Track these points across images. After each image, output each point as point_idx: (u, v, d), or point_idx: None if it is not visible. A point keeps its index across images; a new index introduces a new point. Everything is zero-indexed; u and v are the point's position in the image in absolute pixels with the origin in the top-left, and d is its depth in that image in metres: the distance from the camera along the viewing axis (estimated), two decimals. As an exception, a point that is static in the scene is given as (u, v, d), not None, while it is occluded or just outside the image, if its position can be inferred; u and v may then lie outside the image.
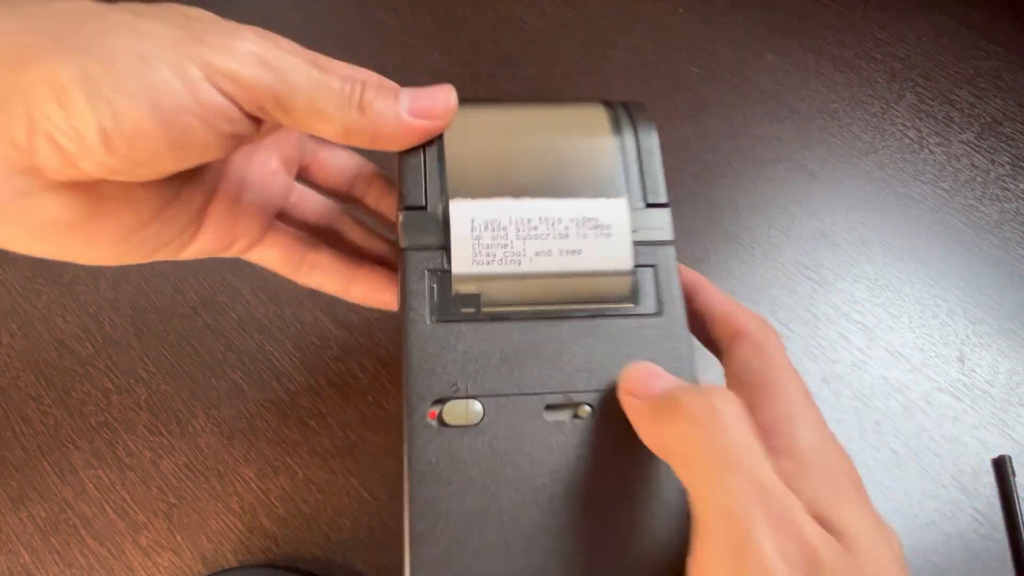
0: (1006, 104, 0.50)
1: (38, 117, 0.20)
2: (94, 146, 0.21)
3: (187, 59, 0.21)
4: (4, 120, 0.20)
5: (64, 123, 0.20)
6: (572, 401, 0.25)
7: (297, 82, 0.22)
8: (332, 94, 0.23)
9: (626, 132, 0.29)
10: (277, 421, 0.39)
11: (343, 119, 0.23)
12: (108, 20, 0.21)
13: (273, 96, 0.22)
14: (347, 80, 0.23)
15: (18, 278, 0.42)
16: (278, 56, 0.22)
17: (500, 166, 0.27)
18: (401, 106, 0.24)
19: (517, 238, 0.26)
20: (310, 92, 0.23)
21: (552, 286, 0.26)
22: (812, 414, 0.24)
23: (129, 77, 0.20)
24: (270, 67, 0.22)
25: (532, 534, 0.24)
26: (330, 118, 0.23)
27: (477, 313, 0.25)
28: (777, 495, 0.20)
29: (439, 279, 0.26)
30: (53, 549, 0.36)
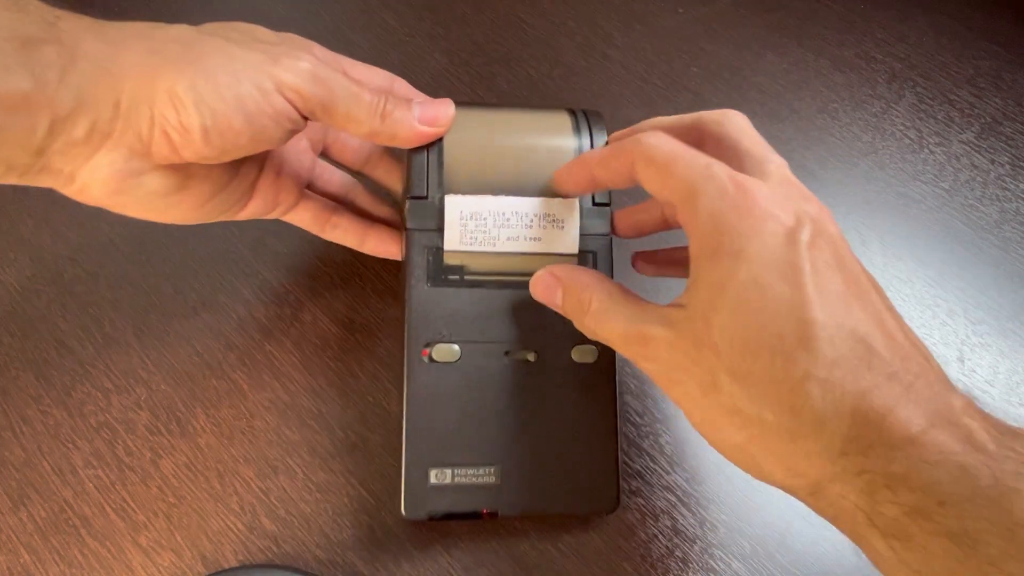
0: (1006, 104, 0.50)
1: (158, 118, 0.28)
2: (197, 139, 0.29)
3: (264, 76, 0.29)
4: (135, 118, 0.28)
5: (177, 122, 0.28)
6: (524, 348, 0.35)
7: (339, 95, 0.31)
8: (364, 105, 0.31)
9: (583, 136, 0.37)
10: (277, 421, 0.39)
11: (370, 124, 0.32)
12: (207, 45, 0.29)
13: (322, 105, 0.30)
14: (375, 94, 0.32)
15: (18, 278, 0.42)
16: (327, 74, 0.30)
17: (484, 167, 0.35)
18: (414, 115, 0.33)
19: (494, 226, 0.35)
20: (348, 103, 0.31)
21: (517, 262, 0.35)
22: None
23: (225, 89, 0.28)
24: (321, 83, 0.30)
25: (492, 438, 0.34)
26: (361, 123, 0.32)
27: (461, 280, 0.35)
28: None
29: (434, 253, 0.35)
30: (53, 549, 0.36)
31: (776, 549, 0.36)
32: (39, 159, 0.28)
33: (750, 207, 0.26)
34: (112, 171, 0.29)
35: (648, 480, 0.38)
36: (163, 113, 0.28)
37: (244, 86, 0.29)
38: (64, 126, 0.28)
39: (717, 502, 0.37)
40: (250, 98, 0.29)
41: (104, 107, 0.28)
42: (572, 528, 0.36)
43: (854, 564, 0.36)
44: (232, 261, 0.43)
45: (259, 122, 0.29)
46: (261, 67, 0.29)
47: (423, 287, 0.34)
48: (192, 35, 0.30)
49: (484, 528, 0.36)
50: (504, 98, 0.49)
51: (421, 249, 0.35)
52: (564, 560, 0.36)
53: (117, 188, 0.30)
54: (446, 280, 0.35)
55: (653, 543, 0.36)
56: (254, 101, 0.29)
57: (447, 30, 0.52)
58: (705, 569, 0.36)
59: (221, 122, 0.29)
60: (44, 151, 0.28)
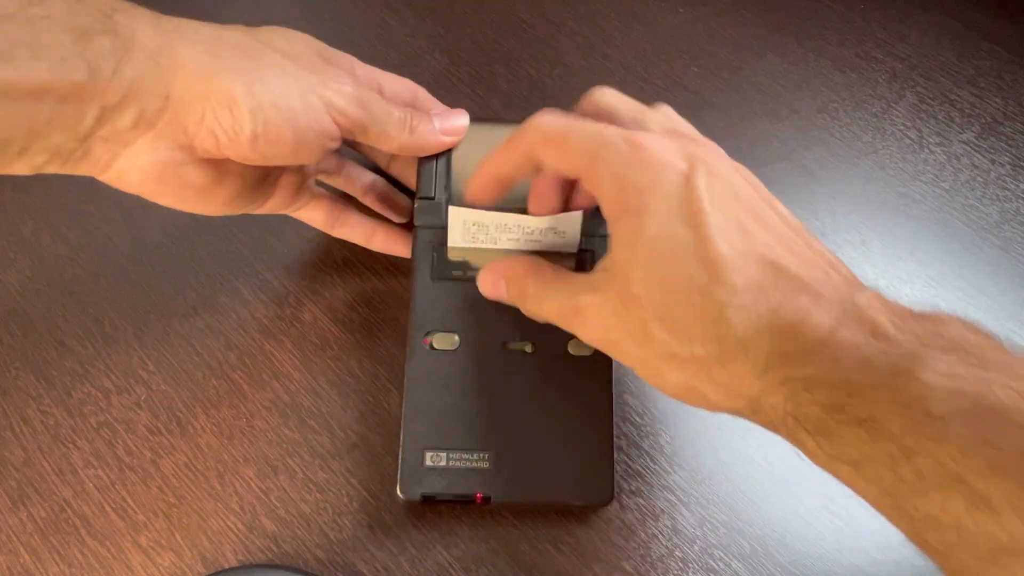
0: (1006, 104, 0.50)
1: (209, 117, 0.29)
2: (244, 143, 0.30)
3: (316, 95, 0.31)
4: (184, 112, 0.29)
5: (228, 125, 0.30)
6: (521, 339, 0.36)
7: (376, 116, 0.34)
8: (395, 122, 0.34)
9: None
10: (277, 421, 0.39)
11: (400, 140, 0.35)
12: (265, 56, 0.31)
13: (361, 126, 0.33)
14: (403, 110, 0.35)
15: (18, 278, 0.42)
16: (366, 97, 0.33)
17: None
18: (436, 128, 0.36)
19: (495, 231, 0.36)
20: (383, 123, 0.34)
21: None
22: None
23: (280, 100, 0.30)
24: (363, 106, 0.33)
25: (487, 424, 0.35)
26: (392, 140, 0.35)
27: (463, 275, 0.37)
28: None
29: (438, 249, 0.37)
30: (53, 549, 0.36)
31: (776, 549, 0.36)
32: (83, 145, 0.29)
33: (645, 161, 0.28)
34: (153, 159, 0.30)
35: (648, 480, 0.38)
36: (215, 113, 0.29)
37: (298, 101, 0.31)
38: (112, 115, 0.28)
39: (717, 502, 0.37)
40: (303, 113, 0.31)
41: (153, 98, 0.29)
42: (571, 527, 0.36)
43: (854, 564, 0.36)
44: (232, 261, 0.43)
45: (306, 137, 0.31)
46: (313, 86, 0.31)
47: (427, 281, 0.37)
48: (248, 41, 0.31)
49: (483, 527, 0.36)
50: (504, 98, 0.49)
51: (426, 245, 0.38)
52: (563, 559, 0.36)
53: (156, 176, 0.31)
54: (449, 275, 0.37)
55: (653, 543, 0.36)
56: (305, 116, 0.31)
57: (447, 30, 0.52)
58: (705, 569, 0.36)
59: (271, 131, 0.30)
60: (89, 137, 0.29)
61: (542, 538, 0.36)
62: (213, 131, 0.30)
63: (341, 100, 0.32)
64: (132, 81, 0.28)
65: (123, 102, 0.28)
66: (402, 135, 0.35)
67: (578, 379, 0.36)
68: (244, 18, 0.34)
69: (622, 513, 0.37)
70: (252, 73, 0.30)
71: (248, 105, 0.29)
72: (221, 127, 0.30)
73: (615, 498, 0.36)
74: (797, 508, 0.37)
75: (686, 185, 0.27)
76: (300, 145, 0.31)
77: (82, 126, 0.28)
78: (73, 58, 0.26)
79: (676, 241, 0.26)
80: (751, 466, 0.38)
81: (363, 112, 0.33)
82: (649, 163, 0.28)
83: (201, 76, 0.29)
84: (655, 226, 0.27)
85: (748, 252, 0.26)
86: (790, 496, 0.37)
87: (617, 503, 0.37)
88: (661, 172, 0.27)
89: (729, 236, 0.26)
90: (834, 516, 0.37)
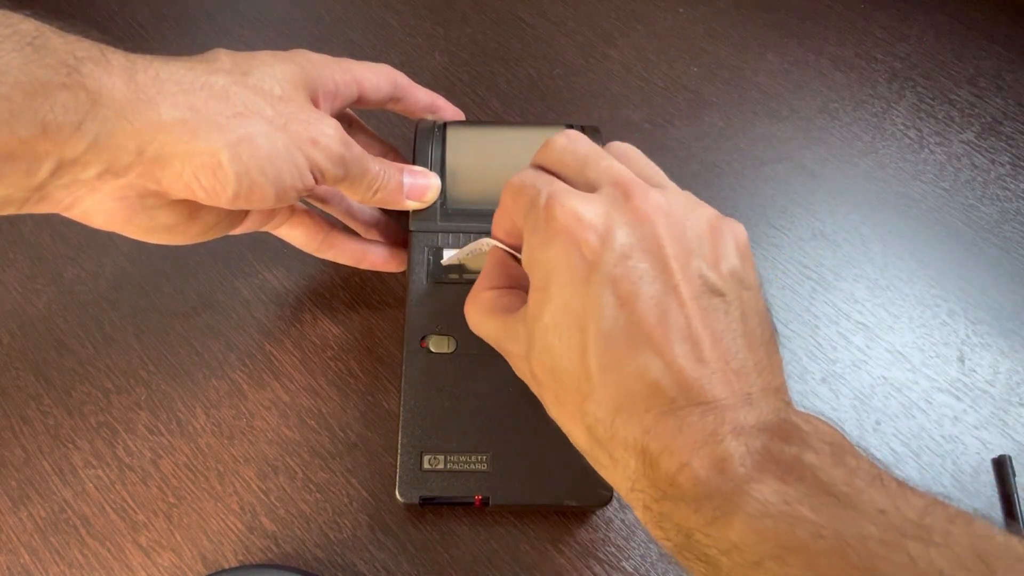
0: (1006, 104, 0.50)
1: (188, 174, 0.28)
2: (225, 200, 0.30)
3: (302, 155, 0.31)
4: (159, 167, 0.28)
5: (210, 185, 0.29)
6: None
7: (352, 174, 0.33)
8: (367, 182, 0.34)
9: None
10: (277, 421, 0.39)
11: (364, 197, 0.35)
12: (252, 109, 0.30)
13: (336, 180, 0.33)
14: (378, 168, 0.35)
15: (18, 278, 0.42)
16: (348, 156, 0.33)
17: (483, 181, 0.39)
18: (404, 190, 0.36)
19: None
20: (357, 178, 0.34)
21: None
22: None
23: (267, 163, 0.30)
24: (343, 165, 0.33)
25: (484, 426, 0.35)
26: (362, 193, 0.35)
27: (460, 277, 0.37)
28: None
29: (434, 253, 0.38)
30: (53, 549, 0.36)
31: (776, 549, 0.36)
32: (38, 193, 0.28)
33: (553, 233, 0.27)
34: (121, 205, 0.29)
35: (648, 480, 0.38)
36: (196, 172, 0.28)
37: (284, 162, 0.30)
38: (72, 168, 0.27)
39: (717, 502, 0.37)
40: (287, 172, 0.30)
41: (123, 154, 0.27)
42: (571, 527, 0.36)
43: (854, 564, 0.36)
44: (232, 261, 0.43)
45: (286, 193, 0.31)
46: (301, 144, 0.31)
47: (423, 284, 0.37)
48: (237, 90, 0.30)
49: (483, 527, 0.36)
50: (504, 98, 0.49)
51: (423, 249, 0.38)
52: (563, 559, 0.36)
53: (125, 219, 0.30)
54: (446, 277, 0.37)
55: (653, 543, 0.36)
56: (289, 175, 0.31)
57: (447, 30, 0.52)
58: (705, 569, 0.36)
59: (255, 191, 0.30)
60: (45, 187, 0.27)
61: (542, 538, 0.36)
62: (191, 186, 0.29)
63: (324, 160, 0.32)
64: (98, 137, 0.26)
65: (86, 156, 0.26)
66: (368, 193, 0.35)
67: None
68: (244, 18, 0.34)
69: (622, 513, 0.37)
70: (238, 132, 0.29)
71: (235, 169, 0.29)
72: (201, 185, 0.29)
73: (615, 498, 0.36)
74: (797, 508, 0.37)
75: (587, 273, 0.26)
76: (279, 199, 0.31)
77: (34, 179, 0.26)
78: (23, 115, 0.24)
79: (564, 341, 0.26)
80: (751, 466, 0.38)
81: (342, 170, 0.33)
82: (556, 235, 0.26)
83: (182, 135, 0.28)
84: (551, 318, 0.26)
85: (624, 370, 0.25)
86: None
87: (617, 503, 0.37)
88: (566, 250, 0.26)
89: (610, 350, 0.25)
90: (834, 516, 0.37)
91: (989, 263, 0.44)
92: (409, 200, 0.37)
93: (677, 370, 0.24)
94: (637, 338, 0.25)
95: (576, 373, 0.26)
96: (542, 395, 0.28)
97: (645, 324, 0.25)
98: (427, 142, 0.39)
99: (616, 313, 0.25)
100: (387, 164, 0.35)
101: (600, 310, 0.25)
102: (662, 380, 0.24)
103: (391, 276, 0.42)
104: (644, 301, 0.25)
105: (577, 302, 0.26)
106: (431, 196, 0.37)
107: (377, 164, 0.35)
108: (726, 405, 0.24)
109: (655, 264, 0.25)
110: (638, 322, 0.25)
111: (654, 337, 0.25)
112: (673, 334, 0.25)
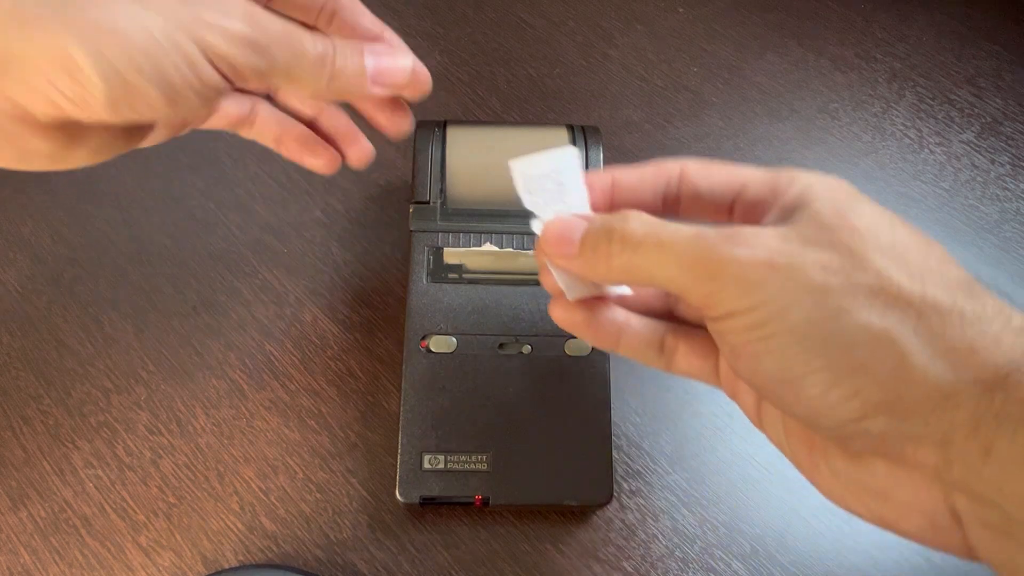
0: (1006, 104, 0.50)
1: (42, 84, 0.21)
2: (99, 110, 0.22)
3: (188, 38, 0.22)
4: (4, 83, 0.22)
5: (73, 93, 0.22)
6: (518, 341, 0.37)
7: (279, 59, 0.24)
8: (308, 66, 0.25)
9: (580, 151, 0.38)
10: (277, 421, 0.39)
11: (315, 86, 0.26)
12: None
13: (259, 74, 0.24)
14: (322, 45, 0.26)
15: (18, 278, 0.42)
16: (262, 37, 0.24)
17: (484, 180, 0.38)
18: (368, 71, 0.27)
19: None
20: (291, 67, 0.25)
21: (514, 261, 0.38)
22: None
23: (139, 55, 0.22)
24: (256, 49, 0.24)
25: (485, 426, 0.35)
26: (310, 86, 0.26)
27: (460, 277, 0.37)
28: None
29: (435, 252, 0.38)
30: (53, 549, 0.36)
31: (776, 549, 0.36)
32: None
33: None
34: None
35: (648, 480, 0.38)
36: (51, 80, 0.21)
37: (164, 52, 0.22)
38: None
39: (717, 502, 0.37)
40: (173, 68, 0.22)
41: None
42: (571, 527, 0.36)
43: (854, 564, 0.36)
44: (232, 261, 0.43)
45: (182, 96, 0.23)
46: (186, 26, 0.22)
47: (423, 284, 0.37)
48: None
49: (483, 527, 0.36)
50: (504, 98, 0.49)
51: (423, 248, 0.38)
52: (563, 559, 0.36)
53: None
54: (446, 277, 0.37)
55: (653, 543, 0.36)
56: (177, 70, 0.22)
57: (447, 30, 0.52)
58: (705, 569, 0.36)
59: (133, 95, 0.22)
60: None
61: (542, 538, 0.36)
62: (52, 99, 0.22)
63: (225, 44, 0.23)
64: None
65: None
66: (318, 84, 0.26)
67: (576, 380, 0.36)
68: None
69: (622, 513, 0.37)
70: (92, 16, 0.21)
71: (95, 68, 0.21)
72: (62, 95, 0.22)
73: (615, 498, 0.36)
74: (797, 508, 0.37)
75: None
76: (176, 104, 0.23)
77: None
78: None
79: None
80: (751, 466, 0.38)
81: (259, 58, 0.24)
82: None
83: (13, 29, 0.21)
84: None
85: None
86: (790, 496, 0.37)
87: (617, 503, 0.37)
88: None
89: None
90: (834, 516, 0.37)
91: (989, 263, 0.44)
92: (375, 86, 0.28)
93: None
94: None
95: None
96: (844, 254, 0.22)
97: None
98: (427, 142, 0.39)
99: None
100: (336, 42, 0.26)
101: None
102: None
103: (392, 276, 0.42)
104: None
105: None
106: (403, 79, 0.29)
107: (320, 43, 0.26)
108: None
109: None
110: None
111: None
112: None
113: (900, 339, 0.21)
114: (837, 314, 0.21)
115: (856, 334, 0.21)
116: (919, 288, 0.21)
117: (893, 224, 0.23)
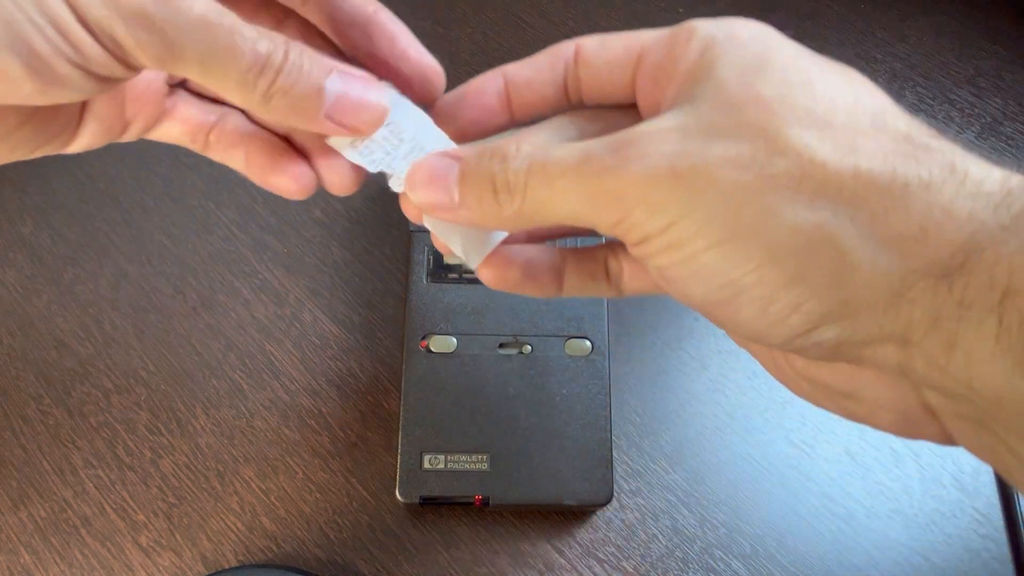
0: (1006, 104, 0.50)
1: None
2: None
3: (61, 4, 0.17)
4: None
5: None
6: (518, 341, 0.37)
7: (189, 45, 0.18)
8: (236, 66, 0.19)
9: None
10: (277, 421, 0.39)
11: (250, 98, 0.19)
12: None
13: (156, 58, 0.18)
14: (263, 48, 0.19)
15: (18, 278, 0.42)
16: (167, 12, 0.18)
17: None
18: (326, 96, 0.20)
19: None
20: (207, 59, 0.18)
21: None
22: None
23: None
24: (153, 30, 0.18)
25: (485, 426, 0.35)
26: (237, 92, 0.19)
27: (459, 277, 0.37)
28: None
29: (434, 252, 0.38)
30: (53, 549, 0.36)
31: (776, 549, 0.36)
32: None
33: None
34: None
35: (648, 480, 0.38)
36: None
37: (19, 8, 0.17)
38: None
39: (717, 502, 0.37)
40: (38, 38, 0.17)
41: None
42: (571, 527, 0.36)
43: (854, 564, 0.36)
44: (232, 261, 0.43)
45: (52, 69, 0.18)
46: None
47: (423, 283, 0.38)
48: None
49: (483, 527, 0.36)
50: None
51: (423, 248, 0.38)
52: (563, 560, 0.36)
53: None
54: (445, 277, 0.38)
55: (653, 543, 0.36)
56: (46, 42, 0.17)
57: (447, 30, 0.52)
58: (705, 569, 0.36)
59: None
60: None
61: (542, 538, 0.36)
62: None
63: (100, 8, 0.17)
64: None
65: None
66: (249, 91, 0.19)
67: (576, 379, 0.36)
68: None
69: (622, 513, 0.37)
70: None
71: None
72: None
73: (615, 498, 0.36)
74: (797, 508, 0.37)
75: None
76: (42, 76, 0.18)
77: None
78: None
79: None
80: (751, 466, 0.38)
81: (151, 38, 0.18)
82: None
83: None
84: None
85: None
86: (790, 496, 0.37)
87: (617, 503, 0.37)
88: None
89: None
90: (834, 516, 0.37)
91: (989, 263, 0.44)
92: (328, 121, 0.20)
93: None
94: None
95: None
96: (757, 137, 0.18)
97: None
98: None
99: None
100: (296, 48, 0.20)
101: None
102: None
103: (392, 276, 0.42)
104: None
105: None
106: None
107: (265, 40, 0.19)
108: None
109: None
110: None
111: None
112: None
113: (835, 234, 0.18)
114: (758, 218, 0.18)
115: (784, 238, 0.18)
116: (850, 162, 0.18)
117: (810, 78, 0.19)
